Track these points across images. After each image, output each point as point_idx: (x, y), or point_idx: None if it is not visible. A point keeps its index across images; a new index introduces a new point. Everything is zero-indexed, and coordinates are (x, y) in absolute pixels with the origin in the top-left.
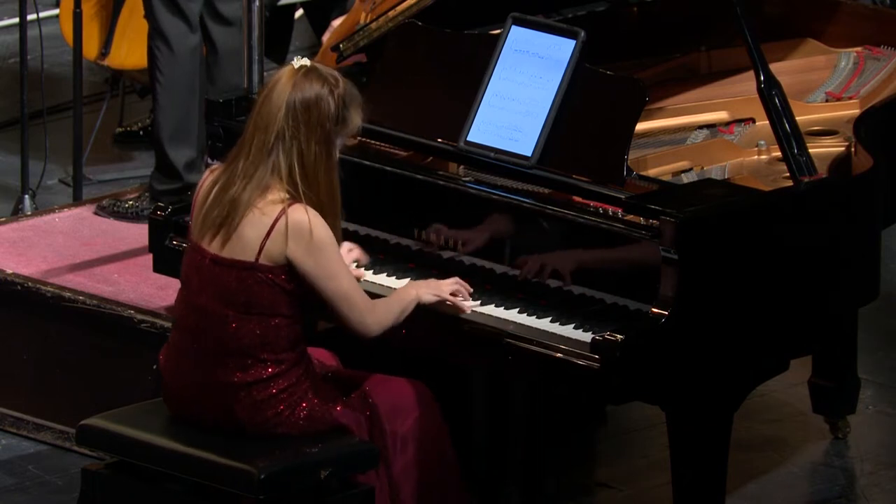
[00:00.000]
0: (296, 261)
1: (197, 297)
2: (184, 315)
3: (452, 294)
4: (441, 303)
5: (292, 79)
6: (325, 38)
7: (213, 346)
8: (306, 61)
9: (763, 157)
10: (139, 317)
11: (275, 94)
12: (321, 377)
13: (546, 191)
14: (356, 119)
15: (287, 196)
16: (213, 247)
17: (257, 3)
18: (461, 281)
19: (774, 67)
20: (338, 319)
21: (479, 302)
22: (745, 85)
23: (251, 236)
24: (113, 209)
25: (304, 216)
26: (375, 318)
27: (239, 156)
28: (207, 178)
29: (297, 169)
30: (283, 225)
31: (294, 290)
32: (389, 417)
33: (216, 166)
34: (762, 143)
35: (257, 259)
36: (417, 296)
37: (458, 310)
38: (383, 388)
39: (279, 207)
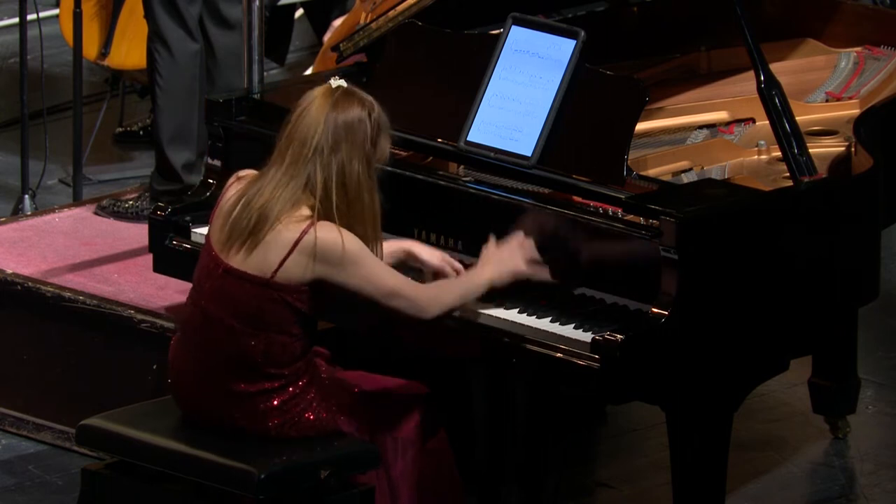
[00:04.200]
0: (330, 279)
1: (207, 302)
2: (192, 314)
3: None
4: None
5: (330, 97)
6: (326, 38)
7: (216, 353)
8: (343, 82)
9: (763, 157)
10: (139, 317)
11: (313, 110)
12: (324, 380)
13: (546, 191)
14: (386, 146)
15: (312, 213)
16: (233, 258)
17: (257, 3)
18: (525, 244)
19: (774, 67)
20: (392, 314)
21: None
22: (745, 85)
23: (272, 253)
24: (113, 209)
25: (333, 234)
26: (429, 297)
27: (271, 168)
28: (233, 185)
29: (334, 185)
30: (311, 245)
31: (306, 309)
32: (389, 421)
33: (243, 172)
34: (762, 143)
35: (272, 276)
36: (490, 280)
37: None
38: (383, 391)
39: (303, 225)
